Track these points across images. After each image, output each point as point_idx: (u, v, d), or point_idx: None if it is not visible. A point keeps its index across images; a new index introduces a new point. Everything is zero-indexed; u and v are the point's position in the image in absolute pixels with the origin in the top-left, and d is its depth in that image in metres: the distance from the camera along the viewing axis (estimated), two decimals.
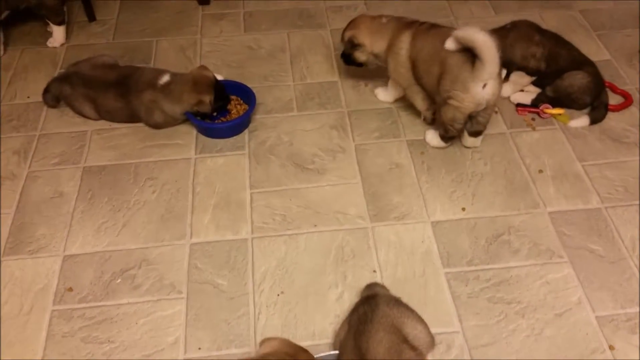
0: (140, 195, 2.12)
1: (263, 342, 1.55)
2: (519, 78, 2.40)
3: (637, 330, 1.74)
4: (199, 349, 1.72)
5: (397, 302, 1.69)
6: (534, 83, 2.42)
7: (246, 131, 2.35)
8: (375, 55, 2.30)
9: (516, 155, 2.23)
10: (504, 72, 2.41)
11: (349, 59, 2.38)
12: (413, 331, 1.61)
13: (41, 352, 1.72)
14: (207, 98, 2.25)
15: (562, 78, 2.33)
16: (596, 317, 1.78)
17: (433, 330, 1.66)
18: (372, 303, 1.65)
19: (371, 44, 2.27)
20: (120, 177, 2.18)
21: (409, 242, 1.98)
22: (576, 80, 2.33)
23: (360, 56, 2.33)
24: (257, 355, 1.49)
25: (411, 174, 2.18)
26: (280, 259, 1.94)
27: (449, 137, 2.21)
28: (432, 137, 2.26)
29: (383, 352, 1.51)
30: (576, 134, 2.31)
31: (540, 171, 2.17)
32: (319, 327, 1.76)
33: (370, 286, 1.80)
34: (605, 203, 2.07)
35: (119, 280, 1.88)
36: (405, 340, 1.56)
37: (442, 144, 2.25)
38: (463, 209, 2.06)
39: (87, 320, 1.79)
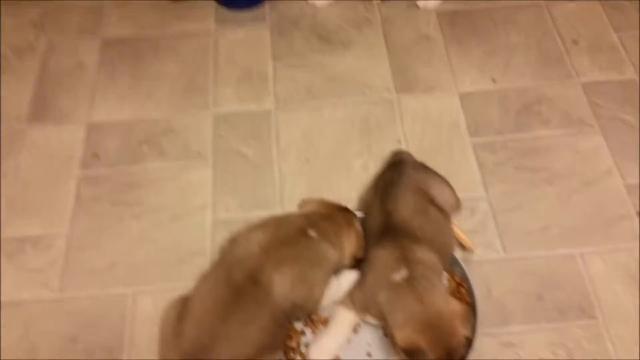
0: (162, 67, 2.08)
1: (301, 203, 1.57)
2: None
3: None
4: (227, 211, 1.74)
5: (424, 166, 1.68)
6: None
7: (266, 2, 2.26)
8: None
9: (551, 26, 2.13)
10: None
11: None
12: (439, 193, 1.60)
13: (70, 215, 1.75)
14: None
15: None
16: (625, 185, 1.76)
17: (458, 196, 1.66)
18: (398, 167, 1.64)
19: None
20: (140, 49, 2.13)
21: (435, 114, 1.94)
22: None
23: None
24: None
25: (440, 46, 2.10)
26: (305, 130, 1.92)
27: None
28: None
29: (410, 212, 1.50)
30: (613, 5, 2.19)
31: (575, 42, 2.08)
32: (344, 194, 1.75)
33: (396, 153, 1.78)
34: None
35: (145, 147, 1.88)
36: (431, 201, 1.56)
37: None
38: (493, 80, 2.00)
39: (114, 184, 1.81)
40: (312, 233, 1.41)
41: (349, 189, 1.78)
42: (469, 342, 1.44)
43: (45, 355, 1.50)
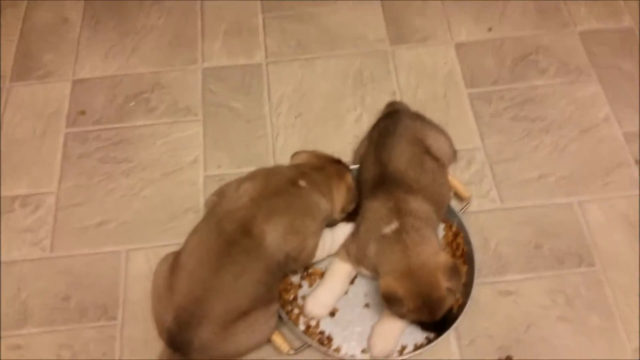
0: (147, 21, 2.01)
1: (294, 155, 1.54)
2: None
3: None
4: (219, 167, 1.71)
5: (420, 116, 1.65)
6: None
7: None
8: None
9: None
10: None
11: None
12: (435, 143, 1.57)
13: (58, 172, 1.71)
14: None
15: None
16: (623, 133, 1.74)
17: (455, 146, 1.63)
18: (394, 117, 1.60)
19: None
20: (125, 2, 2.05)
21: (430, 65, 1.89)
22: None
23: None
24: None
25: None
26: (297, 84, 1.88)
27: None
28: None
29: (405, 162, 1.47)
30: None
31: None
32: (338, 147, 1.72)
33: (392, 104, 1.75)
34: (638, 22, 1.96)
35: (132, 104, 1.83)
36: (427, 151, 1.53)
37: None
38: (489, 30, 1.95)
39: (103, 141, 1.76)
40: (302, 183, 1.38)
41: (343, 142, 1.74)
42: (465, 291, 1.45)
43: (38, 314, 1.48)
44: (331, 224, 1.49)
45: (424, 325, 1.40)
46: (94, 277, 1.53)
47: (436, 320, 1.34)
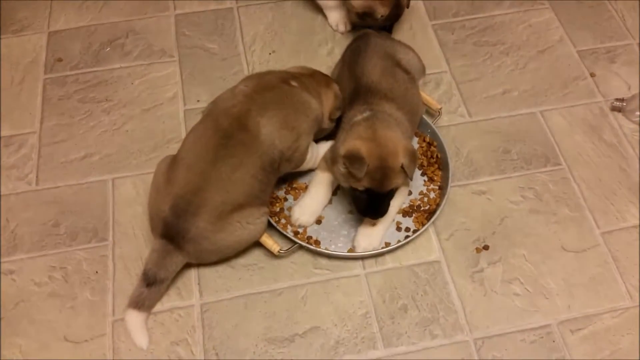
0: None
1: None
2: None
3: (616, 60, 1.84)
4: (198, 101, 1.76)
5: (388, 36, 1.74)
6: None
7: None
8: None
9: None
10: None
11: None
12: (405, 57, 1.66)
13: (39, 114, 1.74)
14: None
15: None
16: (577, 51, 1.86)
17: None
18: (364, 38, 1.69)
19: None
20: None
21: None
22: None
23: None
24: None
25: None
26: (268, 24, 1.95)
27: None
28: None
29: (378, 73, 1.56)
30: None
31: None
32: None
33: (361, 31, 1.82)
34: None
35: (108, 49, 1.87)
36: (398, 64, 1.61)
37: None
38: None
39: (81, 84, 1.80)
40: (294, 83, 1.46)
41: None
42: (440, 193, 1.53)
43: (28, 241, 1.50)
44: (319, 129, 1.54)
45: (364, 208, 1.42)
46: (82, 204, 1.56)
47: (381, 194, 1.38)
